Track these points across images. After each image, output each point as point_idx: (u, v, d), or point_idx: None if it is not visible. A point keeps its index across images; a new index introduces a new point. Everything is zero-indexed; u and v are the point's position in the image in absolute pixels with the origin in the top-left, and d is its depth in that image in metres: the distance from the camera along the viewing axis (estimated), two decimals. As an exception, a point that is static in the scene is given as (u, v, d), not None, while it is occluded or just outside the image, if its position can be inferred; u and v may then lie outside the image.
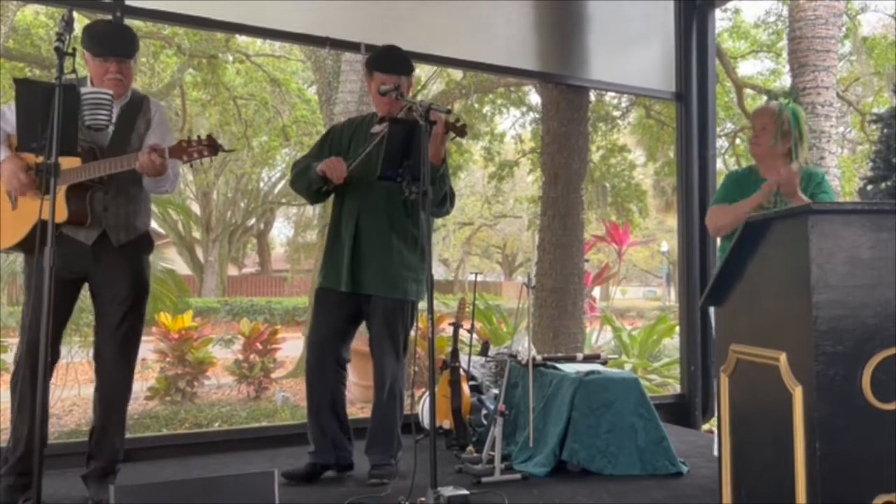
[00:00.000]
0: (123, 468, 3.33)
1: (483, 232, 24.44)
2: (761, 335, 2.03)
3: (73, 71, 2.28)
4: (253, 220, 21.44)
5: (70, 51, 2.26)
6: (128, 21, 3.60)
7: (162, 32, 11.39)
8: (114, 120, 2.67)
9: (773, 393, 1.91)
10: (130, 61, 2.80)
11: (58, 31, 2.29)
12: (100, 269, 2.77)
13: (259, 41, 13.62)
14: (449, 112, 2.91)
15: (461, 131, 2.95)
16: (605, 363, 3.75)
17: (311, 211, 20.48)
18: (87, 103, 2.40)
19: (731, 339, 2.21)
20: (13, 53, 10.44)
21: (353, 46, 4.28)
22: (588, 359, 3.77)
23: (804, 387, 1.80)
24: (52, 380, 2.86)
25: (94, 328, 2.87)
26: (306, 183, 3.18)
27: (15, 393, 2.80)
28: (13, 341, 6.71)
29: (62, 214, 2.66)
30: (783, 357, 1.88)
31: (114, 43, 2.70)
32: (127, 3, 3.56)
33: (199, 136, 2.71)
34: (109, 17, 3.63)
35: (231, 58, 12.75)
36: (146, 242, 2.95)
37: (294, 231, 23.08)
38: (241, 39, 12.89)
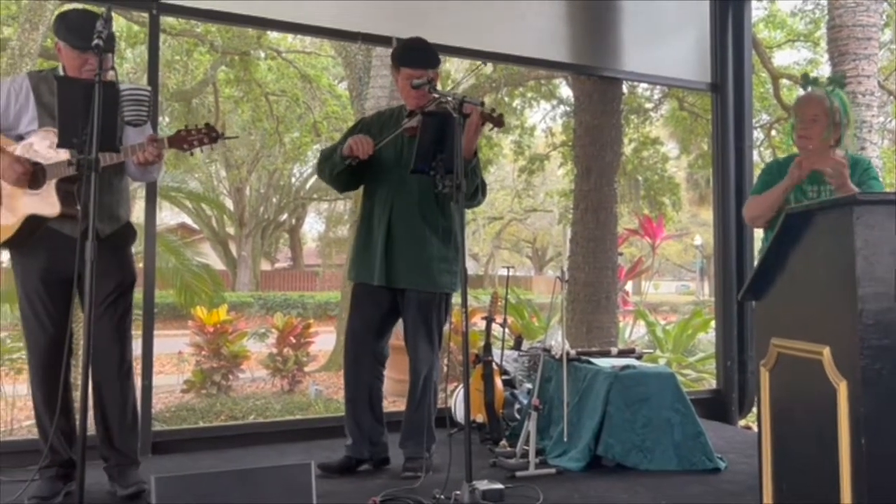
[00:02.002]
0: (161, 459, 3.40)
1: (513, 226, 24.37)
2: (803, 329, 1.99)
3: (113, 68, 2.31)
4: (285, 216, 21.64)
5: (110, 48, 2.28)
6: (164, 18, 3.64)
7: (195, 30, 11.52)
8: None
9: (816, 388, 1.87)
10: (109, 54, 2.59)
11: (97, 30, 2.31)
12: (79, 262, 2.73)
13: (290, 37, 13.72)
14: (482, 104, 2.89)
15: (498, 121, 2.93)
16: (640, 358, 3.72)
17: (343, 206, 20.60)
18: (126, 99, 2.42)
19: (772, 332, 2.17)
20: (50, 52, 10.64)
21: (384, 41, 4.28)
22: (623, 353, 3.74)
23: (849, 382, 1.76)
24: (73, 378, 2.91)
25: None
26: (331, 166, 3.15)
27: (35, 394, 2.84)
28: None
29: (55, 208, 2.65)
30: (826, 351, 1.84)
31: (92, 34, 2.50)
32: (163, 1, 3.60)
33: (196, 125, 2.71)
34: (145, 14, 3.68)
35: (263, 54, 12.84)
36: (129, 232, 2.94)
37: (325, 226, 23.27)
38: (273, 36, 12.99)
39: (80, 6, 2.93)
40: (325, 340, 9.14)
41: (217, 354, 7.30)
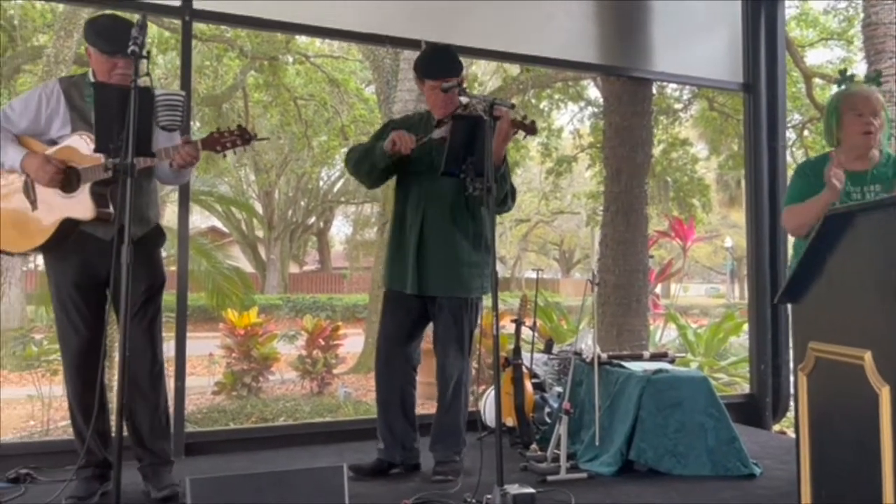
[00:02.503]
0: (194, 460, 3.43)
1: (540, 228, 24.27)
2: (843, 333, 1.96)
3: (148, 73, 2.34)
4: (313, 219, 21.80)
5: (145, 54, 2.31)
6: (196, 24, 3.68)
7: (225, 35, 11.66)
8: None
9: (857, 393, 1.84)
10: (143, 60, 2.64)
11: (133, 36, 2.34)
12: (115, 265, 2.76)
13: (318, 42, 13.82)
14: (513, 107, 2.88)
15: (531, 129, 2.91)
16: (672, 361, 3.67)
17: (370, 209, 20.72)
18: (161, 105, 2.45)
19: (810, 336, 2.13)
20: (84, 59, 10.84)
21: (412, 44, 4.28)
22: (655, 357, 3.70)
23: (892, 387, 1.73)
24: (107, 379, 2.94)
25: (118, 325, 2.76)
26: (371, 163, 3.11)
27: (70, 396, 2.88)
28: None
29: (89, 211, 2.68)
30: (868, 356, 1.81)
31: (122, 40, 2.53)
32: (195, 6, 3.65)
33: (229, 127, 2.72)
34: (176, 20, 3.73)
35: (291, 59, 12.96)
36: (159, 235, 2.96)
37: (353, 229, 23.38)
38: (301, 41, 13.10)
39: (109, 11, 2.97)
40: (354, 343, 9.18)
41: (247, 356, 7.37)
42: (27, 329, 7.88)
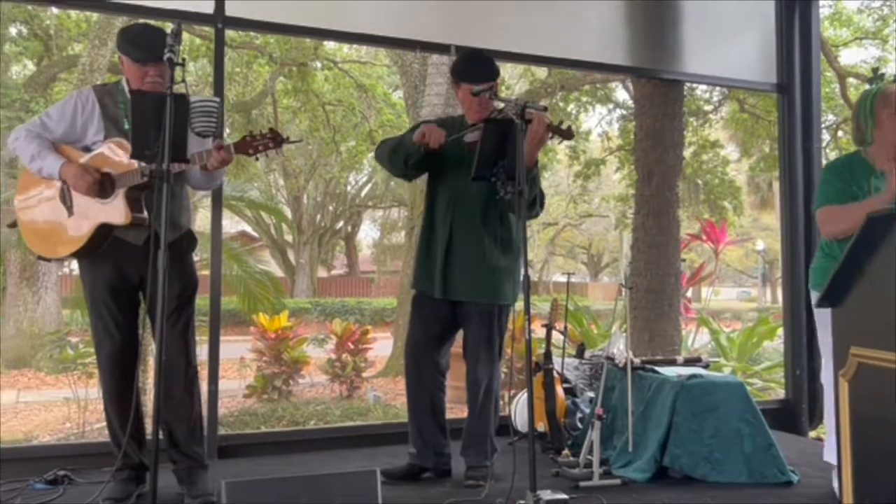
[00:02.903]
0: (227, 463, 3.46)
1: (567, 232, 24.13)
2: (887, 338, 1.91)
3: (183, 80, 2.37)
4: (341, 223, 21.92)
5: (180, 61, 2.34)
6: (228, 31, 3.73)
7: (254, 42, 11.79)
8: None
9: (903, 400, 1.79)
10: (166, 64, 2.66)
11: (168, 43, 2.38)
12: (151, 269, 2.79)
13: (346, 48, 13.92)
14: (545, 109, 2.86)
15: (567, 134, 2.90)
16: (706, 366, 3.62)
17: (397, 213, 20.79)
18: (196, 111, 2.48)
19: (851, 341, 2.08)
20: (118, 67, 11.03)
21: (443, 49, 4.29)
22: (689, 362, 3.65)
23: (939, 393, 1.68)
24: (140, 383, 2.97)
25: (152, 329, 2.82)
26: (404, 154, 3.09)
27: (106, 400, 2.93)
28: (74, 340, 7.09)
29: (125, 216, 2.71)
30: (914, 361, 1.76)
31: (152, 47, 2.61)
32: (227, 14, 3.69)
33: (261, 131, 2.73)
34: (206, 27, 3.77)
35: (320, 65, 13.06)
36: (191, 240, 2.99)
37: (380, 233, 23.46)
38: (329, 46, 13.20)
39: (141, 21, 3.02)
40: (383, 346, 9.21)
41: (278, 360, 7.43)
42: (63, 333, 8.02)
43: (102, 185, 2.73)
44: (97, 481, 2.99)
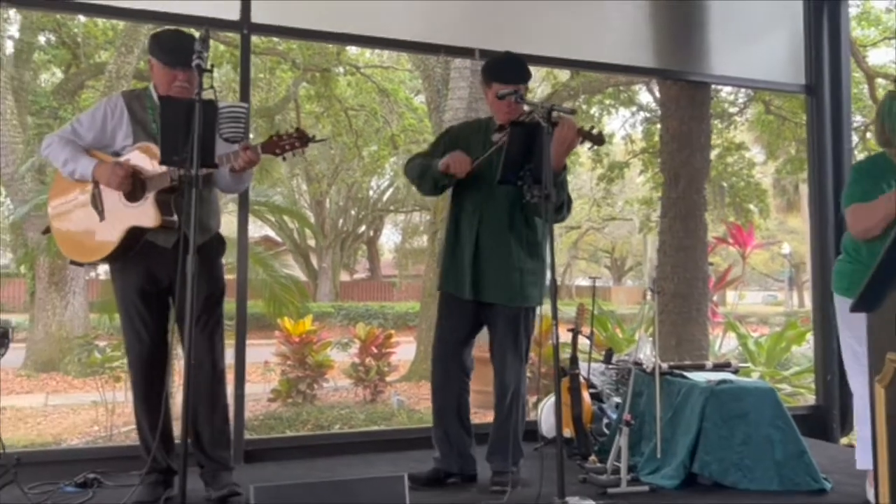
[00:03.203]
0: (253, 468, 3.47)
1: (590, 235, 24.01)
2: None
3: (212, 86, 2.38)
4: (363, 228, 21.99)
5: (208, 67, 2.36)
6: (254, 37, 3.75)
7: (278, 48, 11.88)
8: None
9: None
10: (195, 70, 2.66)
11: (196, 49, 2.39)
12: (179, 273, 2.80)
13: (368, 53, 13.98)
14: (573, 112, 2.85)
15: (598, 139, 2.88)
16: (736, 372, 3.57)
17: (419, 217, 20.82)
18: (224, 117, 2.49)
19: (888, 347, 2.04)
20: (144, 74, 11.19)
21: (467, 53, 4.29)
22: (718, 367, 3.60)
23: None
24: (171, 387, 2.99)
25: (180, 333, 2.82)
26: (429, 182, 3.15)
27: (136, 403, 2.95)
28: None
29: (154, 219, 2.73)
30: (954, 367, 1.72)
31: (182, 52, 2.62)
32: (253, 21, 3.72)
33: (287, 130, 2.74)
34: (230, 34, 3.80)
35: (342, 70, 13.13)
36: (219, 243, 3.01)
37: (402, 237, 23.51)
38: (351, 52, 13.27)
39: (172, 27, 3.06)
40: (406, 350, 9.21)
41: (302, 364, 7.45)
42: (91, 337, 8.12)
43: (134, 185, 2.76)
44: (126, 484, 3.01)
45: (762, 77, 4.97)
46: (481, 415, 4.72)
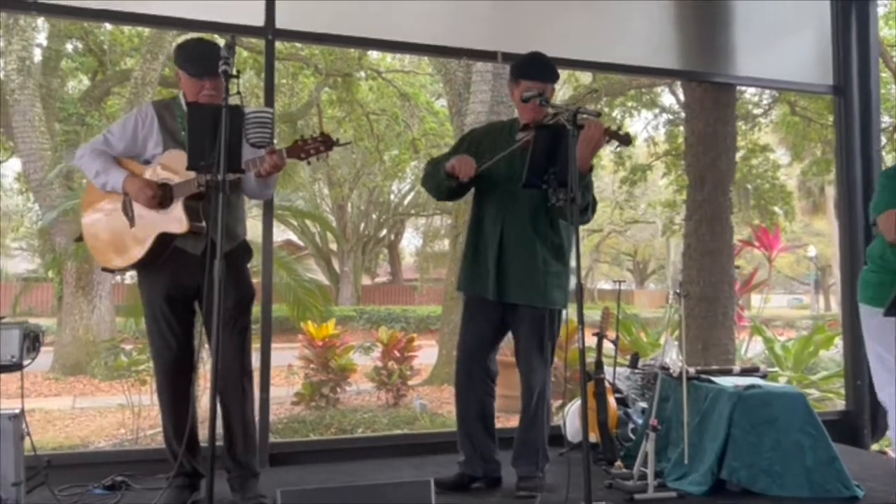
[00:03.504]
0: (278, 471, 3.48)
1: (612, 238, 23.88)
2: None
3: (238, 93, 2.39)
4: (384, 231, 22.06)
5: (235, 73, 2.37)
6: (278, 43, 3.77)
7: (300, 54, 11.97)
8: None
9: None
10: (221, 78, 2.65)
11: (223, 56, 2.41)
12: (207, 279, 2.82)
13: (389, 57, 14.06)
14: (598, 115, 2.83)
15: (625, 139, 2.86)
16: (764, 377, 3.52)
17: (439, 221, 20.83)
18: (251, 122, 2.51)
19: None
20: (169, 80, 11.33)
21: (489, 56, 4.28)
22: (746, 372, 3.56)
23: None
24: (198, 391, 3.02)
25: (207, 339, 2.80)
26: (435, 181, 3.16)
27: (162, 408, 2.98)
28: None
29: (183, 225, 2.75)
30: None
31: (208, 62, 2.64)
32: (278, 27, 3.74)
33: (312, 134, 2.75)
34: (262, 40, 3.83)
35: (364, 75, 13.20)
36: (246, 250, 3.02)
37: (423, 241, 23.55)
38: (373, 56, 13.33)
39: (196, 36, 3.08)
40: (428, 354, 9.20)
41: (325, 368, 7.48)
42: (117, 340, 8.21)
43: (163, 196, 2.79)
44: (153, 487, 3.04)
45: (789, 78, 4.90)
46: (504, 419, 4.70)
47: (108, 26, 11.35)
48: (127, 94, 10.61)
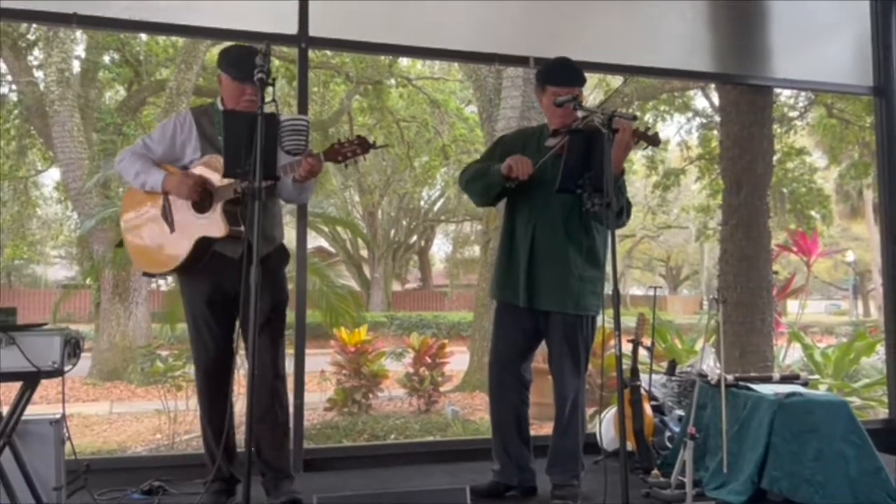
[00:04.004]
0: (312, 476, 3.49)
1: (645, 244, 23.63)
2: None
3: (274, 100, 2.41)
4: (414, 238, 22.10)
5: (270, 81, 2.39)
6: (311, 51, 3.80)
7: (331, 62, 12.07)
8: None
9: None
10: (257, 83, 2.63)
11: (258, 63, 2.43)
12: (244, 283, 2.82)
13: (419, 64, 14.11)
14: (634, 119, 2.79)
15: (654, 140, 2.82)
16: (805, 384, 3.44)
17: (469, 227, 20.81)
18: (286, 130, 2.52)
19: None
20: (203, 90, 11.49)
21: (521, 61, 4.27)
22: (786, 379, 3.48)
23: None
24: (234, 395, 3.04)
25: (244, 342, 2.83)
26: (485, 185, 3.11)
27: (202, 412, 3.01)
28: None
29: (222, 229, 2.78)
30: None
31: (251, 67, 2.57)
32: (311, 34, 3.77)
33: (348, 137, 2.76)
34: (295, 48, 3.86)
35: (394, 82, 13.26)
36: (283, 254, 3.04)
37: (453, 247, 23.55)
38: (403, 64, 13.39)
39: (240, 43, 3.12)
40: (460, 360, 9.17)
41: (358, 373, 7.49)
42: (153, 346, 8.33)
43: (203, 195, 2.82)
44: (189, 492, 3.07)
45: (827, 79, 4.83)
46: (537, 426, 4.66)
47: (144, 37, 11.57)
48: (162, 104, 10.78)
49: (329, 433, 6.54)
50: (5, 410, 2.59)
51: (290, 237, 3.84)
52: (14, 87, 11.23)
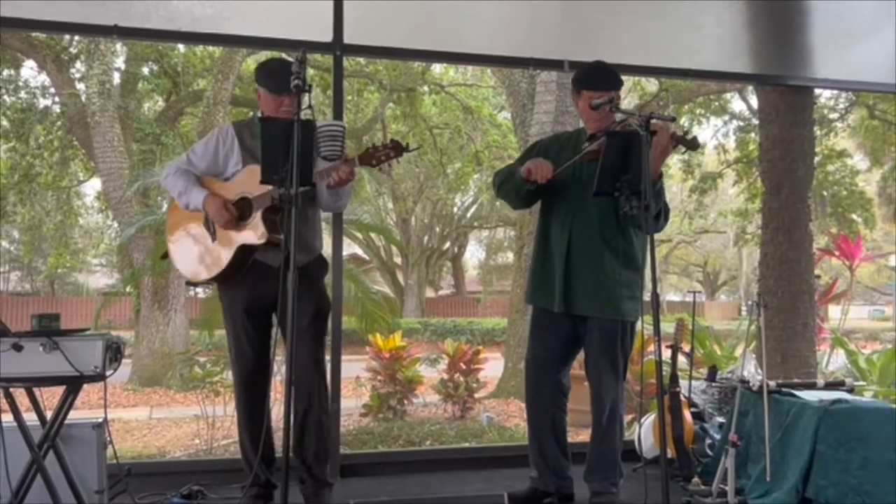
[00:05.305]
0: (349, 482, 3.50)
1: (681, 249, 23.32)
2: None
3: (310, 106, 2.43)
4: (448, 244, 22.11)
5: (307, 88, 2.41)
6: (346, 58, 3.82)
7: (365, 70, 12.16)
8: None
9: None
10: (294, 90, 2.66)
11: (294, 71, 2.45)
12: (282, 291, 2.85)
13: (452, 71, 14.14)
14: (673, 120, 2.75)
15: (692, 144, 2.78)
16: (851, 391, 3.35)
17: (503, 233, 20.75)
18: (323, 136, 2.54)
19: None
20: (239, 100, 11.65)
21: (556, 65, 4.24)
22: (830, 386, 3.39)
23: None
24: (272, 401, 3.06)
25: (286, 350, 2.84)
26: (511, 187, 3.12)
27: (240, 418, 3.03)
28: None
29: (262, 236, 2.82)
30: None
31: (287, 80, 2.59)
32: (346, 42, 3.79)
33: (382, 141, 2.77)
34: (330, 56, 3.89)
35: (427, 89, 13.30)
36: (322, 263, 3.07)
37: (486, 253, 23.50)
38: (436, 71, 13.43)
39: (276, 55, 3.15)
40: (494, 367, 9.13)
41: (393, 379, 7.50)
42: (191, 353, 8.43)
43: (242, 211, 2.87)
44: (227, 497, 3.10)
45: (870, 79, 4.71)
46: (574, 432, 4.61)
47: (182, 48, 11.78)
48: (199, 114, 10.96)
49: (365, 439, 6.56)
50: (48, 415, 2.65)
51: (325, 244, 3.87)
52: (57, 98, 11.51)
